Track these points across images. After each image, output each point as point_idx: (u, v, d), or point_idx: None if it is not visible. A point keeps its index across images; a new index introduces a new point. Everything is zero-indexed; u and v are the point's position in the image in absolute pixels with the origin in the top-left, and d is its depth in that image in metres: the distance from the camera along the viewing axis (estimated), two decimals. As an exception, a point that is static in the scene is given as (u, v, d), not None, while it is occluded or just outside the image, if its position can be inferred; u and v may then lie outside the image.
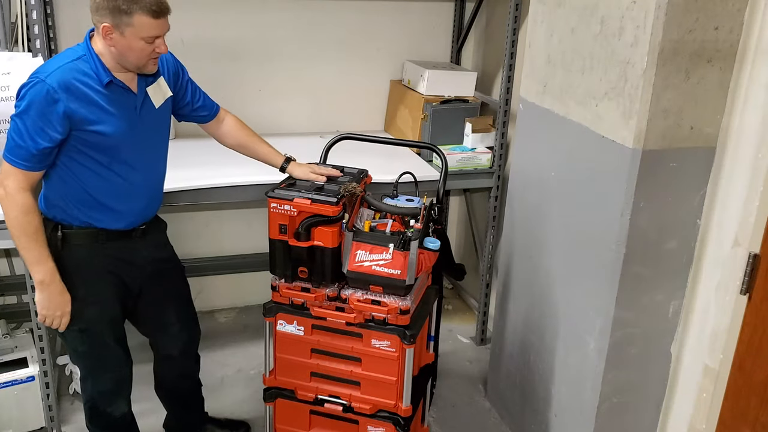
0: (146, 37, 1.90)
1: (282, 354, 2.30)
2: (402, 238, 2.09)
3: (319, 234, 2.12)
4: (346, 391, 2.27)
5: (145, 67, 1.98)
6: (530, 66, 2.45)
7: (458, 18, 3.47)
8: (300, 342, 2.26)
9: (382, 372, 2.21)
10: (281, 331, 2.27)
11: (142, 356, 3.14)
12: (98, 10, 1.87)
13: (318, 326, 2.24)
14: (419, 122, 3.17)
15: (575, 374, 2.30)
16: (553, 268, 2.38)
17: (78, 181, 1.99)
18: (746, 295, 1.95)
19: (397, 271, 2.08)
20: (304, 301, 2.20)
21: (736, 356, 2.00)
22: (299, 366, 2.29)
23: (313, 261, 2.15)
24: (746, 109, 1.89)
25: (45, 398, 2.55)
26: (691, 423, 2.17)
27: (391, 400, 2.23)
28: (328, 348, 2.25)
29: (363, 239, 2.12)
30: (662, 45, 1.82)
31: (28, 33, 2.40)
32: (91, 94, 1.92)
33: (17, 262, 3.15)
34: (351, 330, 2.19)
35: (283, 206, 2.12)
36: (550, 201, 2.38)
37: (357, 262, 2.11)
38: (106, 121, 1.94)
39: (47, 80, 1.86)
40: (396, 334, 2.15)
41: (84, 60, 1.92)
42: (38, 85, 1.86)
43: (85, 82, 1.91)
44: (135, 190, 2.07)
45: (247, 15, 3.08)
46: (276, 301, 2.25)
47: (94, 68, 1.92)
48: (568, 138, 2.24)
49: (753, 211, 1.89)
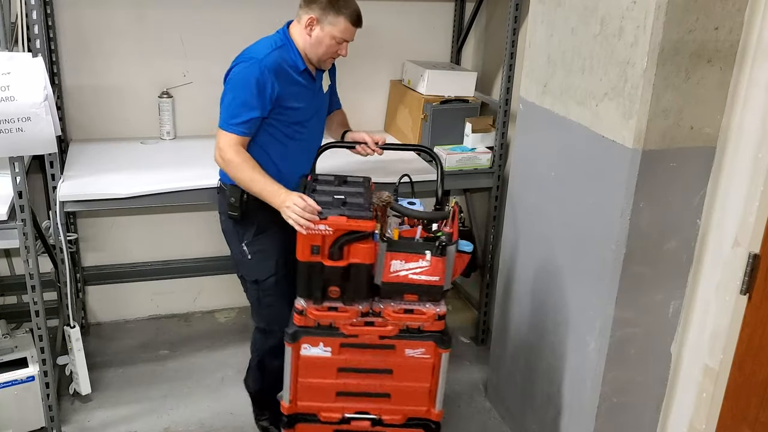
0: (339, 38, 2.27)
1: (305, 379, 2.16)
2: (438, 244, 2.03)
3: (355, 251, 2.01)
4: (375, 406, 2.19)
5: (325, 63, 2.36)
6: (530, 66, 2.45)
7: (458, 18, 3.47)
8: (326, 363, 2.14)
9: (415, 380, 2.16)
10: (305, 356, 2.13)
11: (143, 356, 3.16)
12: (311, 3, 2.25)
13: (347, 344, 2.12)
14: (419, 122, 3.17)
15: (575, 374, 2.30)
16: (553, 268, 2.38)
17: (262, 149, 2.30)
18: (746, 295, 1.95)
19: (435, 278, 2.03)
20: (331, 323, 2.09)
21: (736, 356, 2.00)
22: (324, 388, 2.17)
23: (347, 279, 2.05)
24: (746, 109, 1.90)
25: (45, 398, 2.55)
26: (691, 423, 2.17)
27: (423, 407, 2.19)
28: (357, 365, 2.15)
29: (397, 249, 2.03)
30: (662, 45, 1.82)
31: (28, 33, 2.39)
32: (293, 76, 2.28)
33: (17, 262, 3.15)
34: (383, 343, 2.11)
35: (317, 227, 2.00)
36: (550, 201, 2.38)
37: (392, 272, 2.03)
38: (300, 99, 2.31)
39: (264, 61, 2.20)
40: (432, 340, 2.10)
41: (285, 49, 2.28)
42: (256, 65, 2.20)
43: (288, 65, 2.27)
44: (299, 156, 2.39)
45: (247, 14, 3.08)
46: (300, 325, 2.10)
47: (293, 56, 2.29)
48: (568, 138, 2.24)
49: (753, 211, 1.89)
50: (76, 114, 3.08)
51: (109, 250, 3.31)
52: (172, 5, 3.07)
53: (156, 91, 3.13)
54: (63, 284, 2.72)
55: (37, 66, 2.21)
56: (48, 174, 2.52)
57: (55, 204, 2.50)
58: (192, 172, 2.71)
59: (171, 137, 3.17)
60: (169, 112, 3.14)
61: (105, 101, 3.10)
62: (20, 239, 2.33)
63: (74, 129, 3.10)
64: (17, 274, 3.15)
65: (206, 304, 3.55)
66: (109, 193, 2.54)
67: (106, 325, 3.39)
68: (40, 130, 2.21)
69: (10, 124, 2.16)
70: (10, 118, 2.16)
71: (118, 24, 3.02)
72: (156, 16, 3.06)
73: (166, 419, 2.75)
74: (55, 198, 2.49)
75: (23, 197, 2.29)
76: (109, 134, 3.13)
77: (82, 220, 3.22)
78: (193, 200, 2.67)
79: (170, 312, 3.51)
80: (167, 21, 3.08)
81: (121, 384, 2.94)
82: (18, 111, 2.17)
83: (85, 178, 2.63)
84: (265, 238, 2.35)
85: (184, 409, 2.81)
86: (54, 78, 2.90)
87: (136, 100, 3.13)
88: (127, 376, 3.00)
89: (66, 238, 2.57)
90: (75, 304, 2.82)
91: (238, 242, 2.38)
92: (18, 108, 2.16)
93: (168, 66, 3.13)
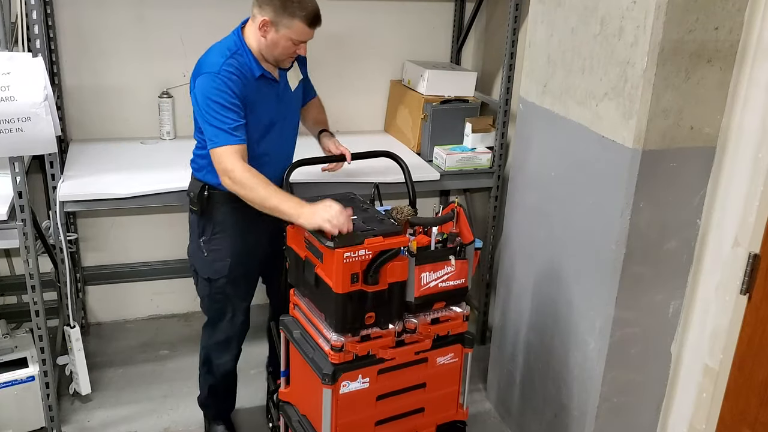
0: (296, 40, 2.17)
1: (345, 419, 1.99)
2: (457, 246, 2.00)
3: (391, 271, 1.90)
4: (410, 424, 2.10)
5: (283, 62, 2.27)
6: (530, 66, 2.46)
7: (458, 18, 3.47)
8: (365, 395, 1.99)
9: (445, 386, 2.12)
10: (345, 394, 1.95)
11: (144, 356, 3.16)
12: (263, 5, 2.14)
13: (384, 369, 1.99)
14: (419, 122, 3.17)
15: (575, 374, 2.30)
16: (553, 268, 2.38)
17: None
18: (746, 295, 1.95)
19: (461, 280, 2.01)
20: (368, 352, 1.95)
21: (736, 356, 2.00)
22: (363, 422, 2.04)
23: (383, 302, 1.92)
24: (746, 109, 1.90)
25: (45, 398, 2.55)
26: (691, 423, 2.17)
27: (453, 410, 2.16)
28: (394, 387, 2.04)
29: (424, 261, 1.95)
30: (662, 45, 1.82)
31: (28, 33, 2.40)
32: (251, 84, 2.19)
33: (17, 262, 3.15)
34: (418, 358, 2.03)
35: (357, 253, 1.85)
36: (550, 201, 2.38)
37: (424, 286, 1.95)
38: (259, 106, 2.23)
39: (220, 73, 2.12)
40: (458, 342, 2.07)
41: (239, 54, 2.19)
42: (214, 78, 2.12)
43: (245, 73, 2.18)
44: (274, 157, 2.35)
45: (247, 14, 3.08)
46: (338, 362, 1.91)
47: (248, 62, 2.20)
48: (568, 138, 2.24)
49: (753, 211, 1.89)
50: (76, 114, 3.08)
51: (109, 250, 3.31)
52: (172, 5, 3.07)
53: (156, 91, 3.13)
54: (63, 284, 2.72)
55: (37, 66, 2.21)
56: (48, 174, 2.52)
57: (55, 204, 2.50)
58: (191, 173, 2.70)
59: (171, 137, 3.17)
60: (169, 112, 3.14)
61: (105, 101, 3.10)
62: (20, 239, 2.33)
63: (74, 129, 3.10)
64: (17, 274, 3.15)
65: (206, 304, 3.55)
66: (109, 193, 2.55)
67: (106, 325, 3.39)
68: (40, 130, 2.21)
69: (10, 124, 2.16)
70: (10, 118, 2.16)
71: (118, 24, 3.02)
72: (156, 16, 3.06)
73: (166, 419, 2.75)
74: (55, 198, 2.50)
75: (23, 197, 2.29)
76: (109, 134, 3.13)
77: (82, 220, 3.22)
78: (193, 200, 2.66)
79: (170, 312, 3.51)
80: (167, 21, 3.08)
81: (121, 384, 2.94)
82: (18, 111, 2.17)
83: (85, 178, 2.63)
84: (223, 239, 2.33)
85: (184, 409, 2.81)
86: (54, 78, 2.90)
87: (136, 100, 3.13)
88: (127, 376, 3.00)
89: (66, 238, 2.57)
90: (75, 304, 2.82)
91: (197, 237, 2.37)
92: (18, 108, 2.16)
93: (168, 66, 3.13)
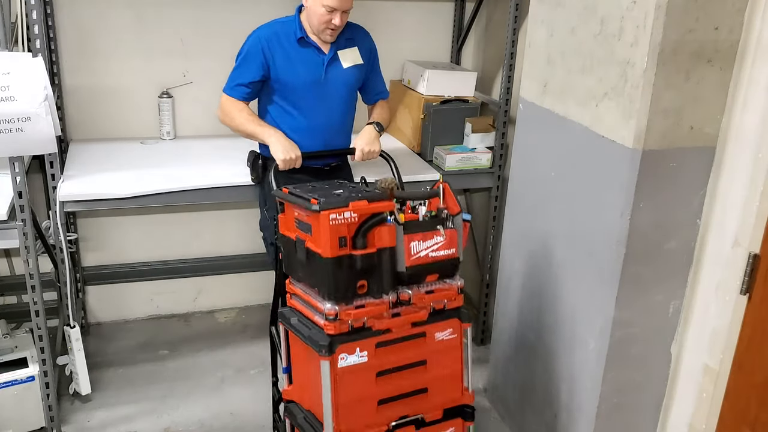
0: (327, 5, 2.38)
1: (346, 396, 1.93)
2: (446, 217, 2.03)
3: (379, 236, 1.92)
4: (414, 405, 2.04)
5: (323, 33, 2.47)
6: (530, 66, 2.45)
7: (458, 18, 3.47)
8: (364, 371, 1.95)
9: (447, 365, 2.07)
10: (343, 368, 1.91)
11: (143, 356, 3.16)
12: None
13: (382, 343, 1.96)
14: (419, 122, 3.17)
15: (575, 374, 2.30)
16: (553, 268, 2.38)
17: (272, 118, 2.56)
18: (746, 295, 1.95)
19: (452, 250, 2.04)
20: (364, 323, 1.92)
21: (736, 356, 2.00)
22: (365, 401, 1.97)
23: (373, 270, 1.93)
24: (746, 109, 1.90)
25: (45, 398, 2.55)
26: (691, 423, 2.17)
27: (458, 392, 2.10)
28: (394, 363, 1.99)
29: (413, 230, 1.97)
30: (662, 45, 1.82)
31: (28, 33, 2.40)
32: (286, 47, 2.48)
33: (17, 262, 3.15)
34: (415, 332, 2.01)
35: (342, 215, 1.88)
36: (550, 201, 2.38)
37: (414, 255, 1.97)
38: (296, 68, 2.49)
39: (258, 31, 2.50)
40: (455, 317, 2.06)
41: (290, 22, 2.52)
42: (251, 36, 2.51)
43: (284, 36, 2.49)
44: (314, 130, 2.55)
45: (247, 14, 3.08)
46: (333, 333, 1.89)
47: (293, 28, 2.50)
48: (568, 138, 2.24)
49: (753, 211, 1.89)
50: (76, 114, 3.08)
51: (109, 250, 3.31)
52: (172, 5, 3.07)
53: (156, 91, 3.13)
54: (63, 284, 2.72)
55: (37, 66, 2.21)
56: (48, 174, 2.52)
57: (55, 204, 2.50)
58: (192, 172, 2.71)
59: (171, 137, 3.17)
60: (169, 112, 3.14)
61: (105, 101, 3.10)
62: (20, 239, 2.33)
63: (74, 129, 3.10)
64: (17, 274, 3.15)
65: (206, 304, 3.55)
66: (109, 193, 2.55)
67: (106, 325, 3.39)
68: (40, 130, 2.21)
69: (10, 124, 2.16)
70: (10, 118, 2.16)
71: (118, 24, 3.02)
72: (156, 16, 3.06)
73: (166, 419, 2.75)
74: (55, 198, 2.50)
75: (23, 197, 2.29)
76: (109, 134, 3.13)
77: (82, 220, 3.22)
78: (193, 200, 2.67)
79: (170, 312, 3.51)
80: (167, 21, 3.08)
81: (121, 384, 2.94)
82: (18, 111, 2.17)
83: (85, 178, 2.63)
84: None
85: (184, 409, 2.81)
86: (54, 78, 2.90)
87: (136, 100, 3.13)
88: (127, 376, 3.00)
89: (66, 238, 2.57)
90: (75, 304, 2.82)
91: (262, 206, 2.61)
92: (18, 108, 2.16)
93: (168, 66, 3.13)
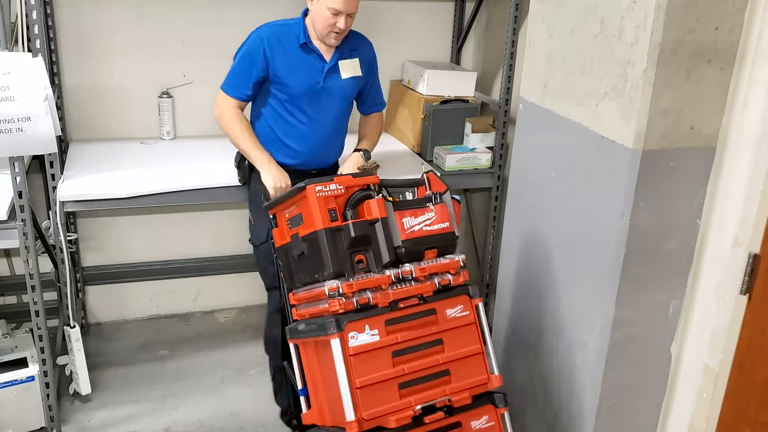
0: (331, 8, 2.33)
1: (362, 378, 1.85)
2: (434, 195, 2.08)
3: (368, 208, 1.96)
4: (439, 389, 1.96)
5: (327, 37, 2.42)
6: (530, 66, 2.45)
7: (458, 18, 3.47)
8: (378, 350, 1.89)
9: (465, 345, 2.03)
10: (355, 347, 1.85)
11: (143, 356, 3.16)
12: None
13: (392, 320, 1.91)
14: (419, 122, 3.17)
15: (575, 374, 2.30)
16: (553, 268, 2.38)
17: (265, 120, 2.52)
18: (746, 295, 1.95)
19: (446, 224, 2.07)
20: (369, 298, 1.89)
21: (736, 356, 2.00)
22: (384, 384, 1.89)
23: (369, 241, 1.95)
24: (746, 109, 1.89)
25: (45, 398, 2.55)
26: (691, 423, 2.17)
27: (483, 375, 2.07)
28: (409, 342, 1.93)
29: (402, 207, 2.02)
30: (662, 45, 1.82)
31: (28, 33, 2.40)
32: (288, 50, 2.43)
33: (17, 262, 3.15)
34: (424, 309, 1.97)
35: (328, 187, 1.95)
36: (550, 201, 2.38)
37: (408, 229, 2.01)
38: (296, 73, 2.44)
39: (260, 31, 2.44)
40: (463, 293, 2.05)
41: (294, 25, 2.46)
42: (252, 35, 2.45)
43: (286, 39, 2.43)
44: (308, 136, 2.52)
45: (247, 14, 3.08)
46: (339, 311, 1.85)
47: (297, 32, 2.44)
48: (568, 138, 2.23)
49: (753, 211, 1.89)
50: (76, 114, 3.09)
51: (109, 250, 3.32)
52: (172, 5, 3.07)
53: (156, 91, 3.13)
54: (63, 284, 2.72)
55: (37, 66, 2.21)
56: (48, 174, 2.52)
57: (55, 204, 2.50)
58: (192, 172, 2.71)
59: (171, 137, 3.17)
60: (169, 112, 3.14)
61: (105, 101, 3.10)
62: (20, 239, 2.33)
63: (74, 129, 3.10)
64: (17, 274, 3.15)
65: (206, 304, 3.55)
66: (109, 193, 2.55)
67: (106, 325, 3.40)
68: (40, 130, 2.21)
69: (10, 124, 2.17)
70: (10, 118, 2.16)
71: (118, 24, 3.02)
72: (156, 16, 3.06)
73: (166, 419, 2.75)
74: (55, 198, 2.50)
75: (23, 197, 2.29)
76: (109, 134, 3.13)
77: (82, 220, 3.23)
78: (192, 200, 2.67)
79: (170, 312, 3.51)
80: (167, 21, 3.08)
81: (121, 384, 2.94)
82: (18, 111, 2.17)
83: (85, 178, 2.63)
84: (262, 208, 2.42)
85: (184, 409, 2.81)
86: (54, 78, 2.90)
87: (136, 100, 3.14)
88: (127, 376, 3.00)
89: (66, 238, 2.57)
90: (75, 304, 2.82)
91: (250, 208, 2.58)
92: (18, 108, 2.17)
93: (168, 66, 3.13)
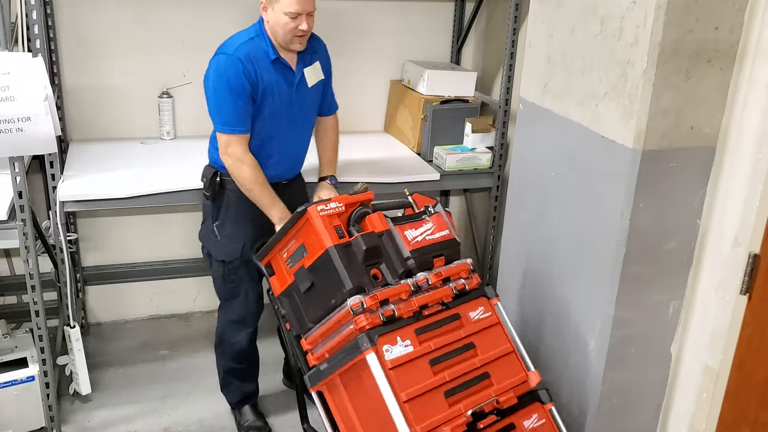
0: (289, 12, 2.18)
1: (408, 390, 1.80)
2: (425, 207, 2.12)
3: (372, 222, 1.99)
4: (484, 393, 1.94)
5: (291, 43, 2.27)
6: (530, 66, 2.45)
7: (458, 18, 3.47)
8: (415, 360, 1.86)
9: (496, 346, 2.04)
10: (392, 359, 1.81)
11: (143, 356, 3.16)
12: None
13: (421, 329, 1.91)
14: (419, 122, 3.17)
15: (575, 374, 2.30)
16: (553, 268, 2.38)
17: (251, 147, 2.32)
18: (746, 295, 1.95)
19: (446, 232, 2.10)
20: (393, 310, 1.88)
21: (736, 356, 2.00)
22: (430, 394, 1.85)
23: (381, 254, 1.96)
24: (746, 109, 1.89)
25: (45, 398, 2.55)
26: (691, 423, 2.17)
27: (521, 373, 2.07)
28: (442, 349, 1.92)
29: (400, 222, 2.04)
30: (662, 45, 1.82)
31: (28, 33, 2.40)
32: (266, 68, 2.27)
33: (17, 262, 3.15)
34: (449, 314, 1.98)
35: (329, 206, 1.95)
36: (550, 201, 2.38)
37: (412, 240, 2.02)
38: (273, 92, 2.30)
39: (234, 55, 2.21)
40: (480, 295, 2.08)
41: (257, 39, 2.28)
42: (227, 60, 2.22)
43: (260, 57, 2.26)
44: (283, 150, 2.42)
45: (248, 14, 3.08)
46: (366, 326, 1.82)
47: (265, 47, 2.27)
48: (568, 138, 2.24)
49: (753, 211, 1.89)
50: (76, 114, 3.09)
51: (109, 250, 3.32)
52: (172, 5, 3.07)
53: (156, 91, 3.13)
54: (63, 284, 2.72)
55: (37, 66, 2.21)
56: (48, 174, 2.52)
57: (55, 204, 2.50)
58: (192, 172, 2.70)
59: (171, 137, 3.17)
60: (169, 112, 3.14)
61: (105, 101, 3.10)
62: (20, 239, 2.33)
63: (74, 129, 3.10)
64: (17, 274, 3.15)
65: (206, 304, 3.55)
66: (109, 193, 2.55)
67: (106, 325, 3.40)
68: (40, 130, 2.21)
69: (10, 124, 2.17)
70: (10, 118, 2.16)
71: (118, 24, 3.02)
72: (156, 16, 3.06)
73: (166, 419, 2.75)
74: (55, 198, 2.50)
75: (23, 197, 2.29)
76: (109, 134, 3.13)
77: (82, 220, 3.23)
78: (192, 200, 2.67)
79: (170, 312, 3.51)
80: (167, 21, 3.08)
81: (121, 384, 2.94)
82: (18, 111, 2.17)
83: (85, 178, 2.63)
84: (237, 223, 2.42)
85: (184, 409, 2.82)
86: (54, 78, 2.90)
87: (136, 100, 3.14)
88: (127, 376, 3.00)
89: (66, 238, 2.57)
90: (75, 304, 2.82)
91: (211, 221, 2.46)
92: (18, 108, 2.17)
93: (168, 66, 3.13)
